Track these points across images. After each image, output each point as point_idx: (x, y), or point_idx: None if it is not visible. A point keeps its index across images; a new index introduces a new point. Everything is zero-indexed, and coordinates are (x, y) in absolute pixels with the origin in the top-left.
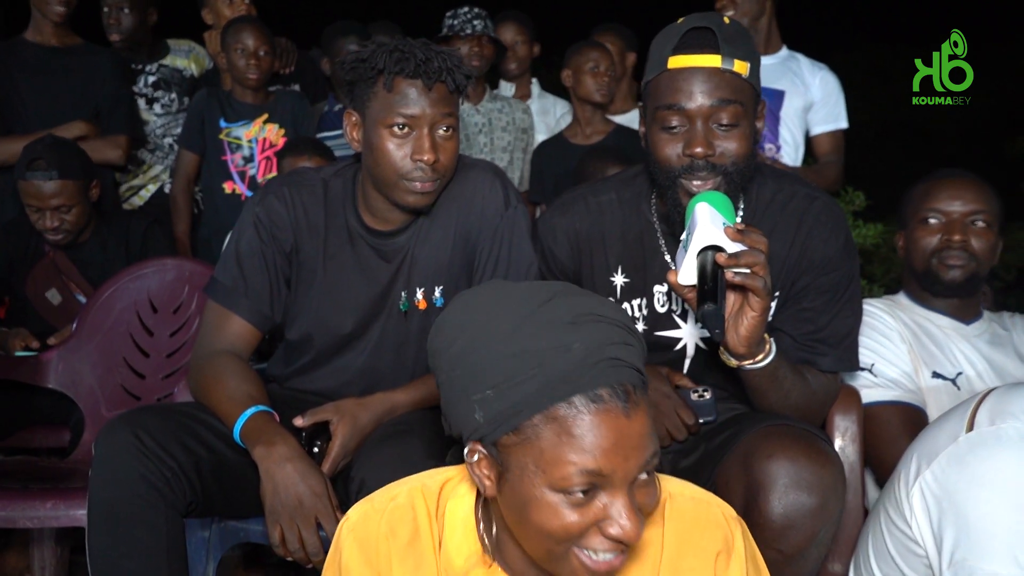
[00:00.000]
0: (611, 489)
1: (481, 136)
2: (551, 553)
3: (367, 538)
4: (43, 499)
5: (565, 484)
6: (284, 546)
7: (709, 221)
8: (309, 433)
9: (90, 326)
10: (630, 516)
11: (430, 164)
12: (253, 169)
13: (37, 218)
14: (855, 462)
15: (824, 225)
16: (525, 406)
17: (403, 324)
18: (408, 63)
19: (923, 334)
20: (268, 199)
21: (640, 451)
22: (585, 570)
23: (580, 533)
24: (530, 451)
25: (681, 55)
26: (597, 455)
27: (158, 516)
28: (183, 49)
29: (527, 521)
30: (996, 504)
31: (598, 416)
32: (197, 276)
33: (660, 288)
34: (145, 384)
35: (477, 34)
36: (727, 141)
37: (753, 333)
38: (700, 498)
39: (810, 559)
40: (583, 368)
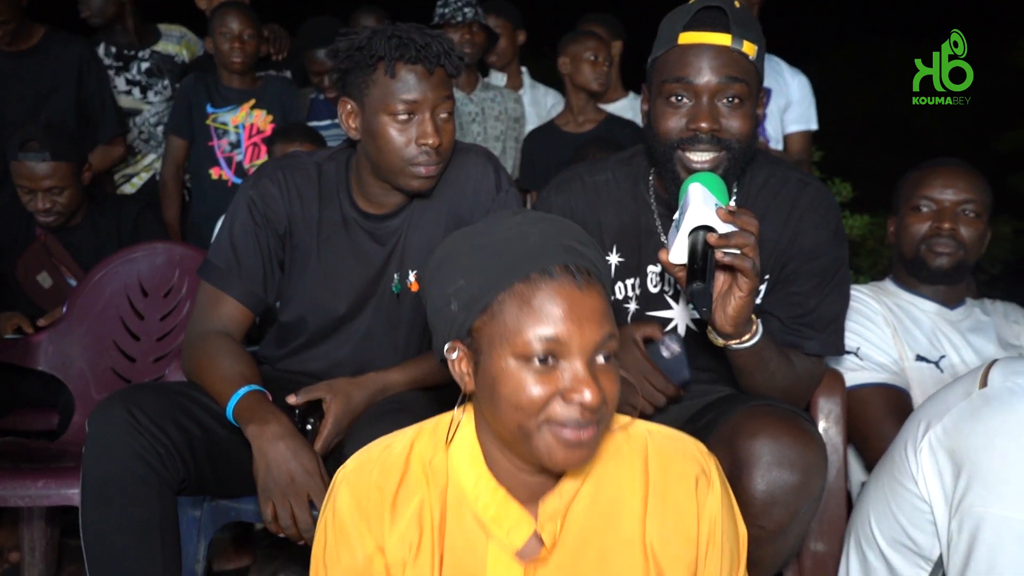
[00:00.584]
0: (570, 358)
1: (475, 125)
2: (523, 429)
3: (359, 486)
4: (34, 478)
5: (526, 350)
6: (276, 522)
7: (702, 201)
8: (302, 411)
9: (80, 309)
10: (589, 382)
11: (435, 147)
12: (240, 155)
13: (29, 199)
14: (838, 444)
15: (815, 211)
16: (490, 287)
17: (396, 306)
18: (409, 49)
19: (907, 318)
20: (262, 182)
21: (594, 323)
22: (557, 443)
23: (545, 402)
24: (496, 327)
25: (692, 32)
26: (553, 322)
27: (151, 493)
28: (175, 35)
29: (498, 398)
30: (1011, 452)
31: (552, 288)
32: (187, 260)
33: (654, 268)
34: (135, 367)
35: (468, 21)
36: (732, 119)
37: (740, 313)
38: (676, 435)
39: (791, 536)
40: (539, 251)
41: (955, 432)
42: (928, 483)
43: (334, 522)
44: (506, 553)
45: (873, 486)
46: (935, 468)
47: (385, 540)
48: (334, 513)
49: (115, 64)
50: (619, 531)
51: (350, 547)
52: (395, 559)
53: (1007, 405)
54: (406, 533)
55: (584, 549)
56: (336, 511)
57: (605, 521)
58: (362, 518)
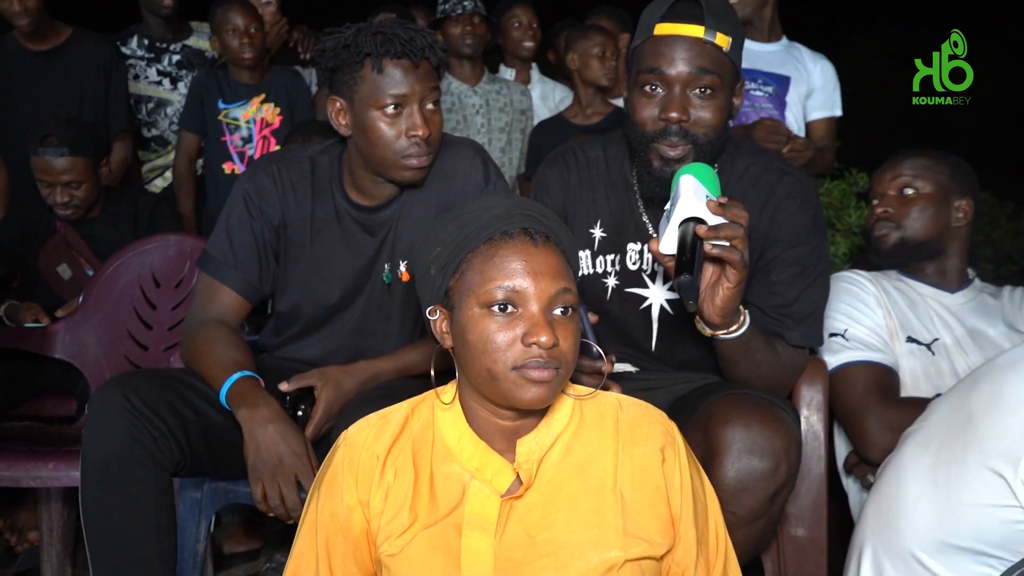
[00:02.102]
0: (527, 306)
1: (479, 117)
2: (491, 372)
3: (355, 447)
4: (45, 460)
5: (489, 299)
6: (265, 502)
7: (692, 193)
8: (294, 397)
9: (96, 299)
10: (544, 326)
11: (424, 139)
12: (252, 149)
13: (48, 193)
14: (819, 431)
15: (793, 199)
16: (460, 250)
17: (387, 295)
18: (394, 44)
19: (902, 301)
20: (257, 175)
21: (548, 277)
22: (524, 382)
23: (508, 345)
24: (465, 282)
25: (667, 23)
26: (511, 275)
27: (147, 474)
28: (205, 32)
29: (468, 345)
30: None
31: (511, 246)
32: (198, 252)
33: (633, 246)
34: (147, 355)
35: (468, 13)
36: (702, 110)
37: (728, 304)
38: (642, 404)
39: (763, 521)
40: (501, 217)
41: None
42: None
43: (329, 475)
44: (485, 488)
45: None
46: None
47: (370, 497)
48: (330, 467)
49: (147, 55)
50: (587, 479)
51: (338, 498)
52: (377, 511)
53: None
54: (393, 488)
55: (555, 494)
56: (332, 466)
57: (576, 470)
58: (352, 475)
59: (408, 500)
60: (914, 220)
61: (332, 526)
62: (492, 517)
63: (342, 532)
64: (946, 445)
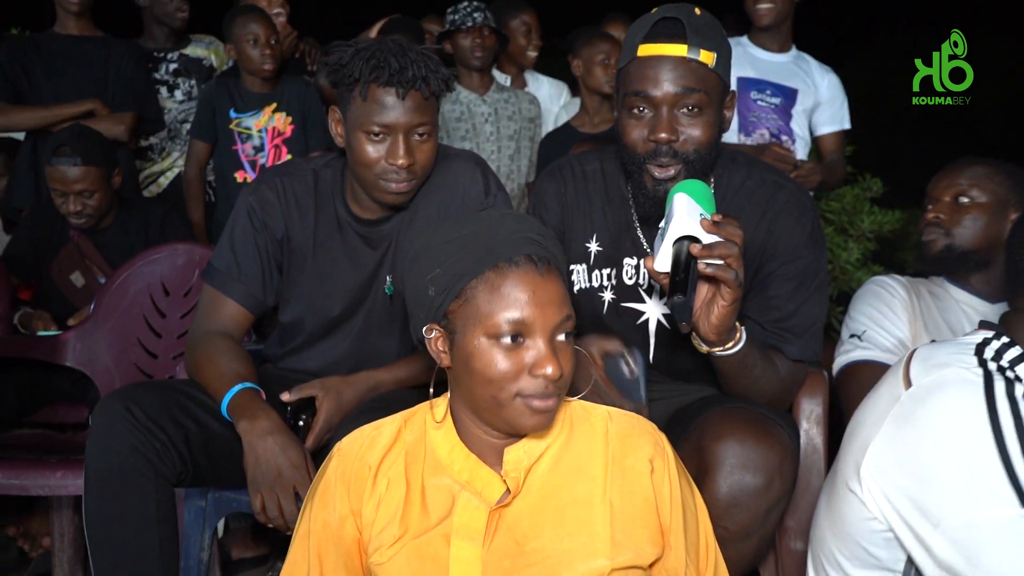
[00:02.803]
0: (534, 337)
1: (487, 125)
2: (496, 400)
3: (348, 458)
4: (54, 469)
5: (496, 331)
6: (264, 513)
7: (686, 212)
8: (295, 408)
9: (106, 308)
10: (551, 359)
11: (405, 168)
12: (264, 158)
13: (61, 202)
14: (819, 445)
15: (790, 213)
16: (464, 274)
17: (388, 307)
18: (383, 72)
19: (935, 305)
20: (261, 189)
21: (554, 306)
22: (527, 410)
23: (515, 376)
24: (470, 310)
25: (650, 43)
26: (519, 306)
27: (148, 484)
28: (204, 41)
29: (472, 372)
30: (963, 449)
31: (518, 276)
32: (207, 261)
33: (630, 261)
34: (157, 363)
35: (478, 26)
36: (691, 128)
37: (723, 322)
38: (632, 415)
39: (756, 538)
40: (506, 243)
41: (897, 445)
42: (879, 502)
43: (322, 485)
44: (474, 499)
45: (825, 508)
46: (884, 487)
47: (362, 507)
48: (323, 477)
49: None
50: (576, 489)
51: (331, 508)
52: (369, 521)
53: (940, 402)
54: (385, 499)
55: (544, 503)
56: (325, 476)
57: (565, 480)
58: (344, 485)
59: (399, 511)
60: (965, 229)
61: (324, 535)
62: (480, 527)
63: (334, 541)
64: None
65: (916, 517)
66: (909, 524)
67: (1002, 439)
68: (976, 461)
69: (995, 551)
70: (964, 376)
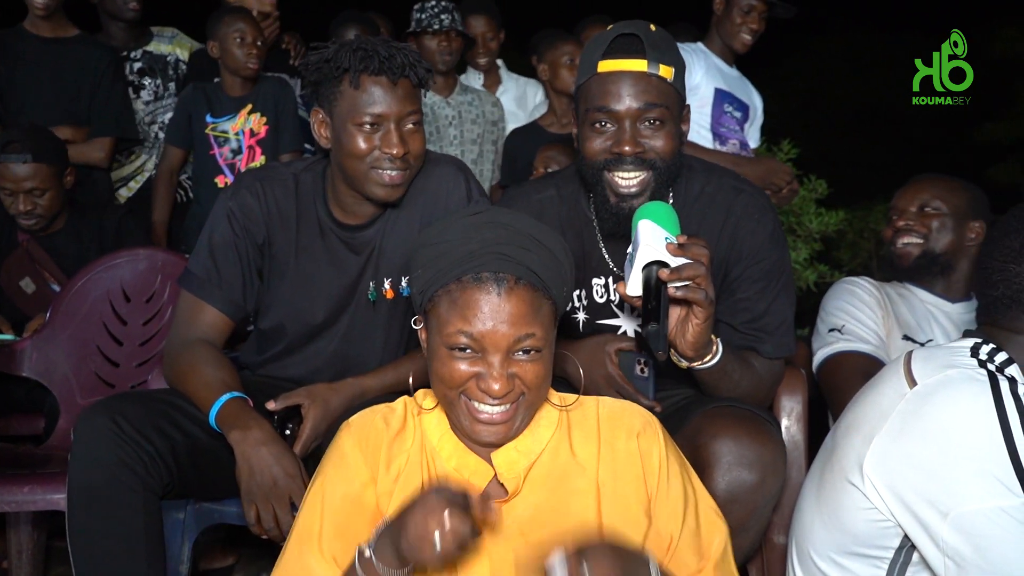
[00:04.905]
0: (488, 353)
1: (451, 129)
2: (447, 398)
3: (363, 429)
4: (20, 484)
5: (451, 341)
6: (260, 525)
7: (651, 239)
8: (281, 416)
9: (64, 315)
10: (498, 376)
11: (399, 156)
12: (241, 161)
13: (11, 202)
14: (800, 441)
15: (751, 216)
16: (433, 283)
17: (371, 313)
18: (372, 61)
19: (903, 304)
20: (241, 193)
21: (510, 324)
22: (470, 415)
23: (462, 382)
24: (435, 316)
25: (610, 59)
26: (472, 321)
27: (136, 498)
28: (166, 35)
29: (434, 372)
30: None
31: (476, 292)
32: (170, 266)
33: (598, 280)
34: (119, 372)
35: (445, 29)
36: (654, 139)
37: (699, 339)
38: (622, 401)
39: (751, 532)
40: (474, 257)
41: (904, 440)
42: (883, 494)
43: (335, 458)
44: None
45: (814, 501)
46: (890, 480)
47: (378, 476)
48: (336, 450)
49: None
50: (576, 482)
51: (348, 477)
52: (386, 491)
53: (949, 397)
54: (402, 475)
55: (547, 496)
56: (338, 449)
57: (565, 473)
58: (362, 453)
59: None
60: (936, 232)
61: (343, 507)
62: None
63: (357, 511)
64: (822, 468)
65: (924, 508)
66: (916, 515)
67: (1009, 432)
68: (984, 454)
69: (1002, 539)
70: (970, 375)
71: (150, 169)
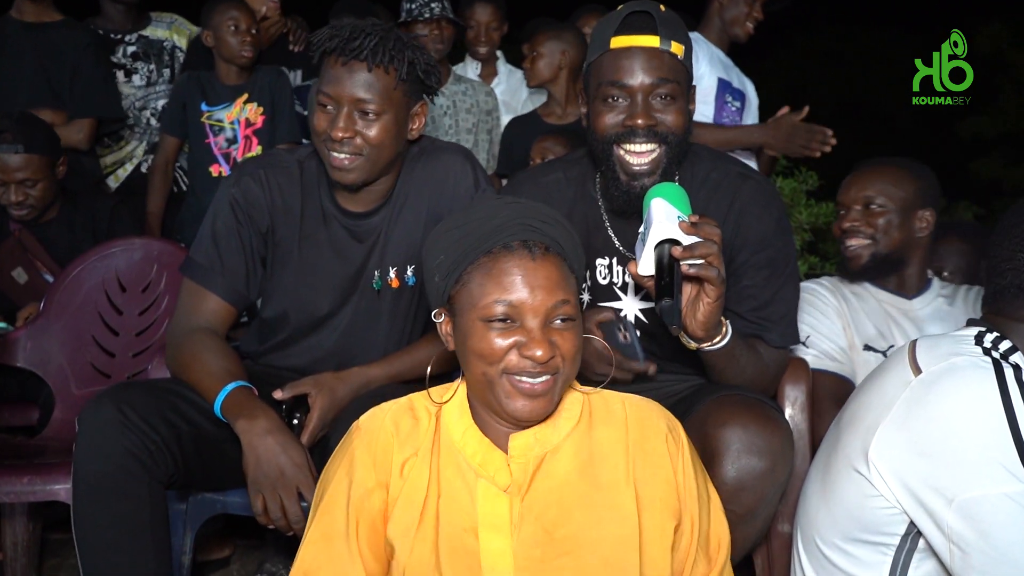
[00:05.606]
0: (525, 319)
1: (446, 118)
2: (487, 376)
3: (372, 433)
4: (19, 475)
5: (488, 313)
6: (266, 515)
7: (664, 217)
8: (288, 406)
9: (58, 305)
10: (540, 340)
11: (339, 140)
12: (236, 150)
13: (2, 192)
14: (804, 430)
15: (757, 203)
16: (462, 260)
17: (376, 302)
18: (335, 42)
19: (861, 309)
20: (244, 180)
21: (546, 290)
22: (515, 390)
23: (503, 355)
24: (467, 293)
25: (623, 36)
26: (509, 288)
27: (142, 488)
28: (164, 21)
29: (469, 351)
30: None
31: (509, 260)
32: (165, 255)
33: (602, 261)
34: (115, 362)
35: (435, 17)
36: (666, 114)
37: (709, 319)
38: (644, 399)
39: (760, 519)
40: (501, 229)
41: (909, 426)
42: (888, 482)
43: (345, 460)
44: (491, 487)
45: (819, 490)
46: (895, 467)
47: (389, 480)
48: (347, 453)
49: None
50: (601, 477)
51: (356, 482)
52: (395, 496)
53: (954, 385)
54: (409, 475)
55: (571, 491)
56: (349, 451)
57: (589, 469)
58: (371, 458)
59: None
60: (883, 232)
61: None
62: (504, 516)
63: (362, 514)
64: (827, 457)
65: (929, 494)
66: (921, 502)
67: (1014, 419)
68: (989, 440)
69: (1007, 525)
70: (975, 363)
71: (139, 155)
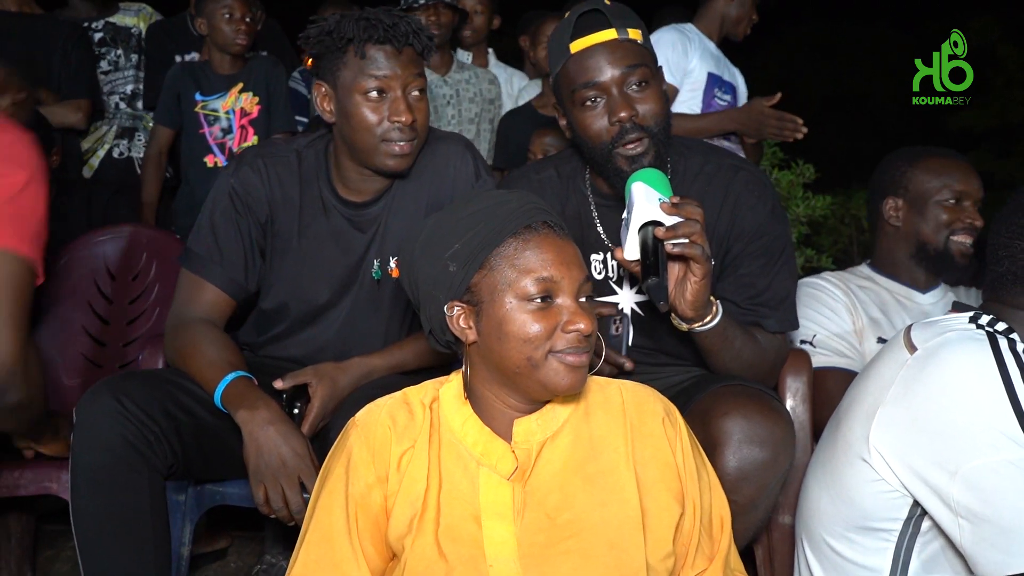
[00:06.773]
0: (562, 295)
1: (449, 108)
2: (531, 360)
3: (369, 427)
4: (10, 467)
5: (526, 293)
6: (268, 505)
7: (645, 199)
8: (289, 396)
9: (47, 295)
10: (582, 314)
11: (408, 124)
12: (232, 140)
13: None
14: (805, 421)
15: (751, 193)
16: (486, 245)
17: (376, 292)
18: (376, 29)
19: (872, 303)
20: (243, 170)
21: (577, 266)
22: (563, 367)
23: (548, 335)
24: (497, 277)
25: (580, 38)
26: (546, 265)
27: (141, 479)
28: (132, 8)
29: (506, 337)
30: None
31: (540, 239)
32: (155, 243)
33: (596, 256)
34: (105, 352)
35: (433, 2)
36: (644, 102)
37: (698, 297)
38: (638, 384)
39: (761, 509)
40: (520, 212)
41: (908, 403)
42: (891, 463)
43: (343, 457)
44: (493, 475)
45: (821, 479)
46: (897, 447)
47: (388, 473)
48: (344, 450)
49: None
50: (601, 461)
51: (354, 477)
52: (394, 489)
53: (949, 357)
54: (407, 467)
55: (572, 475)
56: (346, 448)
57: (589, 453)
58: (369, 453)
59: (423, 486)
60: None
61: (353, 505)
62: (507, 503)
63: (364, 510)
64: (828, 447)
65: (932, 471)
66: (925, 479)
67: (1011, 385)
68: (988, 408)
69: (1012, 492)
70: (969, 335)
71: (110, 140)
